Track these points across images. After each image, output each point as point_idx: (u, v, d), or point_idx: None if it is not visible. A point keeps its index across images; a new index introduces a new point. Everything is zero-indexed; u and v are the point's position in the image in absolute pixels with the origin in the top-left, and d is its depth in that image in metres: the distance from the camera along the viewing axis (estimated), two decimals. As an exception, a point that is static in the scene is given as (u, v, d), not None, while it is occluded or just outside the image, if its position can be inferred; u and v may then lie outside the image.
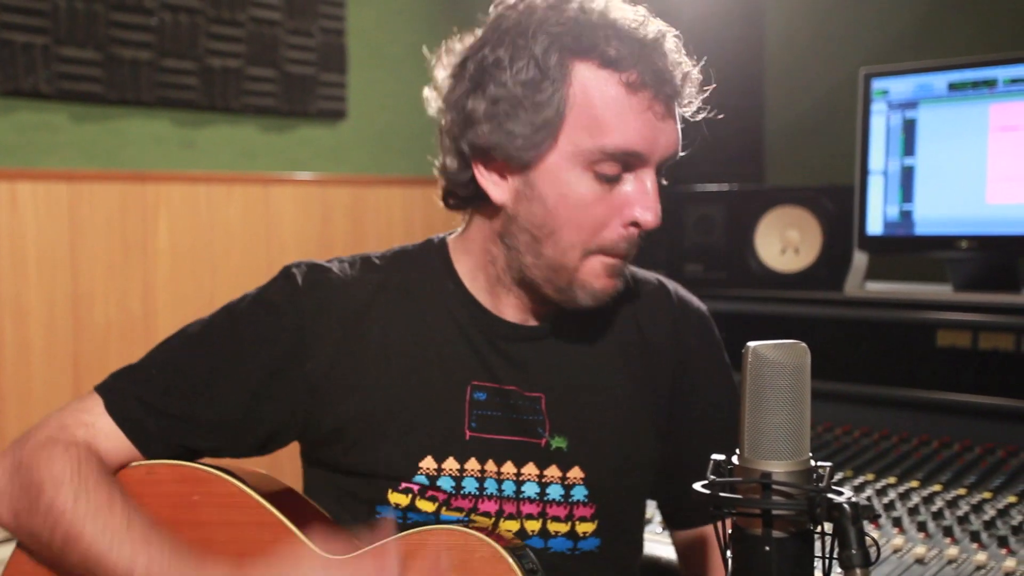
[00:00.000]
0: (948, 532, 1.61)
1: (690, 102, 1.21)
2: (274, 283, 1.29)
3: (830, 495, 0.79)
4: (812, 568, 0.84)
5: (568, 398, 1.29)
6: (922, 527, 1.64)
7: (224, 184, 2.86)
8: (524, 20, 1.16)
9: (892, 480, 1.83)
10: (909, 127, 2.12)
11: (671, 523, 1.41)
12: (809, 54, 2.87)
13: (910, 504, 1.73)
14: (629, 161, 1.16)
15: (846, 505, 0.76)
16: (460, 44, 1.24)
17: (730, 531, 0.86)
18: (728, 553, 0.85)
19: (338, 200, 3.08)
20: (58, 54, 2.56)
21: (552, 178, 1.16)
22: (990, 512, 1.66)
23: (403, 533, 1.16)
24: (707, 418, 1.36)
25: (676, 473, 1.35)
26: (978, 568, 1.52)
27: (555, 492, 1.26)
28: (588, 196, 1.16)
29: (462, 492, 1.23)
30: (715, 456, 0.87)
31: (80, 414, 1.22)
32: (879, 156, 2.15)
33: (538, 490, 1.25)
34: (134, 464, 1.24)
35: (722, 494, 0.82)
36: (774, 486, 0.81)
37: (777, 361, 0.83)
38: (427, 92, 1.27)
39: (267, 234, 2.95)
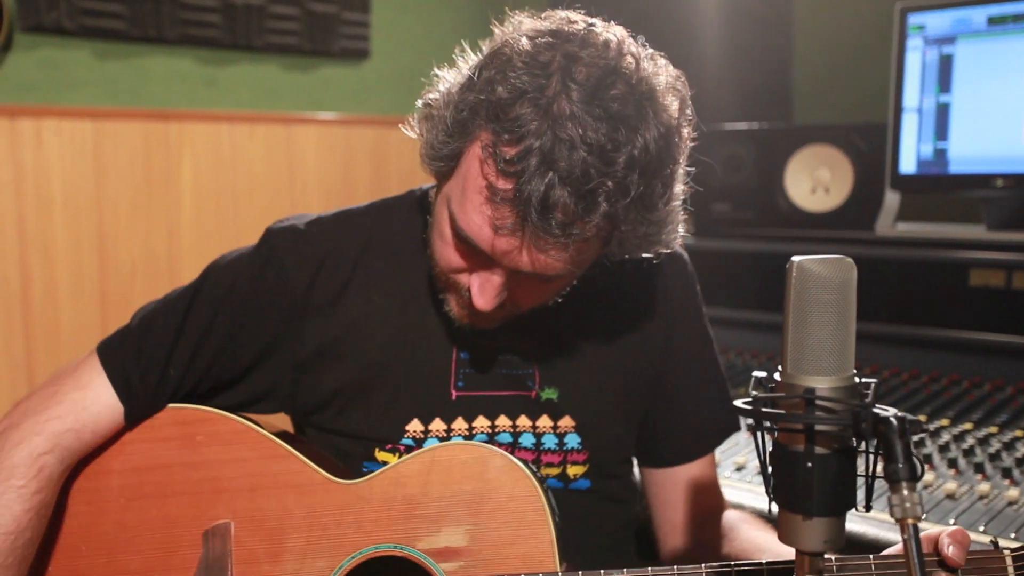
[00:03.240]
0: (979, 469, 1.60)
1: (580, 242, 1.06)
2: (261, 261, 1.27)
3: (876, 410, 0.77)
4: (854, 485, 0.83)
5: (557, 350, 1.30)
6: (953, 464, 1.63)
7: (247, 123, 2.84)
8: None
9: (922, 419, 1.81)
10: (945, 63, 2.07)
11: (646, 461, 1.43)
12: (841, -10, 2.80)
13: (940, 442, 1.72)
14: (473, 249, 1.10)
15: (893, 419, 0.75)
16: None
17: (771, 448, 0.85)
18: (769, 470, 0.84)
19: (361, 141, 3.06)
20: (80, -10, 2.54)
21: (440, 200, 1.15)
22: (1022, 450, 1.65)
23: (414, 452, 1.18)
24: (689, 368, 1.39)
25: (656, 413, 1.38)
26: (1010, 504, 1.51)
27: (550, 441, 1.29)
28: (447, 237, 1.12)
29: None
30: (756, 373, 0.85)
31: (75, 392, 1.22)
32: (914, 93, 2.11)
33: (534, 440, 1.28)
34: None
35: (764, 409, 0.81)
36: (818, 401, 0.80)
37: (822, 275, 0.81)
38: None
39: (290, 174, 2.94)
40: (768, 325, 2.17)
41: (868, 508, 0.83)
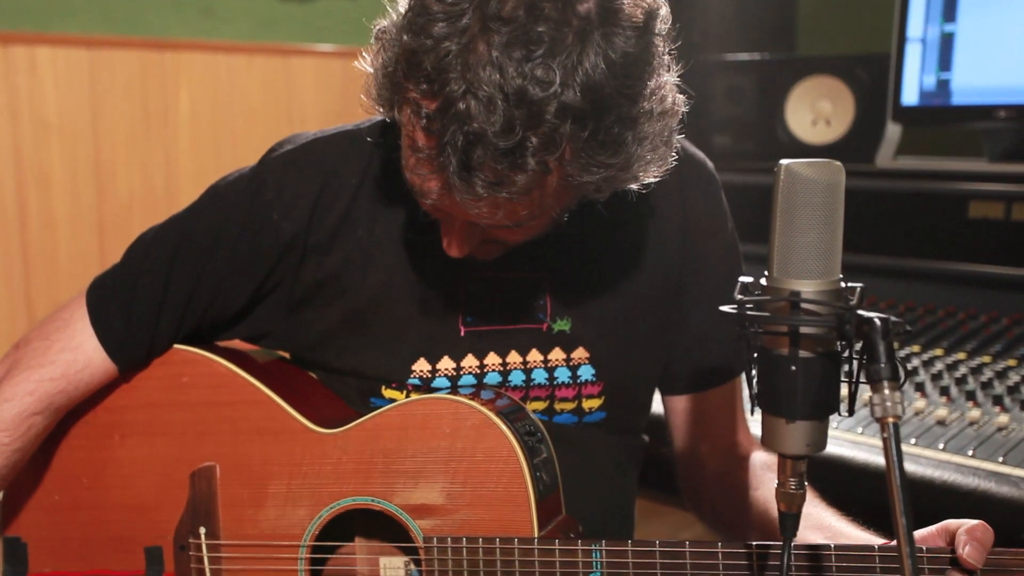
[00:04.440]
0: (971, 396, 1.61)
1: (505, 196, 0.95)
2: (253, 200, 1.19)
3: (860, 312, 0.77)
4: (838, 389, 0.84)
5: (570, 277, 1.23)
6: (944, 392, 1.64)
7: (244, 54, 2.81)
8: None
9: (916, 349, 1.81)
10: (951, -8, 2.04)
11: (665, 388, 1.36)
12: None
13: (934, 371, 1.72)
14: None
15: (877, 320, 0.75)
16: None
17: (755, 354, 0.85)
18: (753, 373, 0.84)
19: (360, 74, 3.02)
20: (73, -86, 2.50)
21: None
22: (1014, 378, 1.65)
23: (393, 404, 1.16)
24: (709, 283, 1.29)
25: (676, 334, 1.30)
26: (999, 429, 1.52)
27: (563, 375, 1.23)
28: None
29: (459, 391, 1.20)
30: (743, 278, 0.85)
31: (66, 353, 1.21)
32: (918, 22, 2.07)
33: (546, 376, 1.22)
34: None
35: (749, 312, 0.81)
36: (803, 304, 0.80)
37: (810, 178, 0.80)
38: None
39: (288, 106, 2.91)
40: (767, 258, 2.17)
41: (851, 412, 0.84)
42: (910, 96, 2.09)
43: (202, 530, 1.19)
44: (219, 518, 1.19)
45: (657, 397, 1.39)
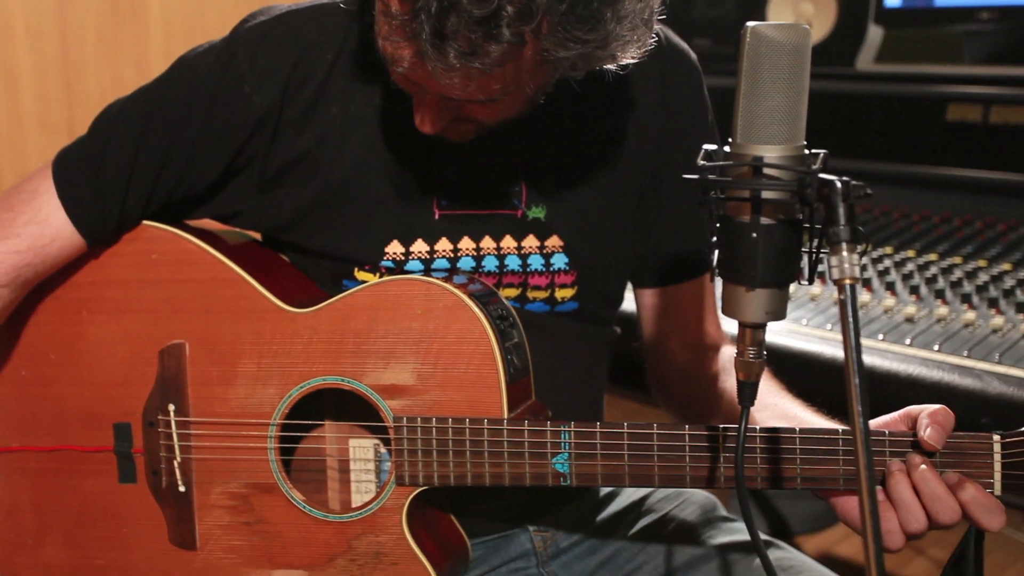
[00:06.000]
0: (940, 295, 1.62)
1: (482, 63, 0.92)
2: (222, 74, 1.17)
3: (821, 175, 0.77)
4: (798, 258, 0.84)
5: (546, 164, 1.22)
6: (914, 291, 1.65)
7: (217, -49, 2.73)
8: None
9: (888, 250, 1.82)
10: None
11: (638, 280, 1.36)
12: None
13: (904, 271, 1.73)
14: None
15: (837, 182, 0.74)
16: None
17: (717, 224, 0.85)
18: (714, 240, 0.84)
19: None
20: None
21: None
22: (983, 278, 1.67)
23: (364, 284, 1.15)
24: (687, 169, 1.26)
25: (650, 225, 1.30)
26: (966, 325, 1.54)
27: (536, 263, 1.22)
28: None
29: (432, 274, 1.19)
30: (706, 145, 0.84)
31: (33, 226, 1.19)
32: (904, -79, 2.04)
33: (520, 262, 1.22)
34: None
35: (711, 176, 0.80)
36: (765, 169, 0.79)
37: (776, 40, 0.79)
38: None
39: (264, 2, 2.85)
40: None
41: (811, 281, 0.84)
42: (893, -3, 2.07)
43: (171, 407, 1.19)
44: (188, 396, 1.19)
45: (629, 291, 1.39)
